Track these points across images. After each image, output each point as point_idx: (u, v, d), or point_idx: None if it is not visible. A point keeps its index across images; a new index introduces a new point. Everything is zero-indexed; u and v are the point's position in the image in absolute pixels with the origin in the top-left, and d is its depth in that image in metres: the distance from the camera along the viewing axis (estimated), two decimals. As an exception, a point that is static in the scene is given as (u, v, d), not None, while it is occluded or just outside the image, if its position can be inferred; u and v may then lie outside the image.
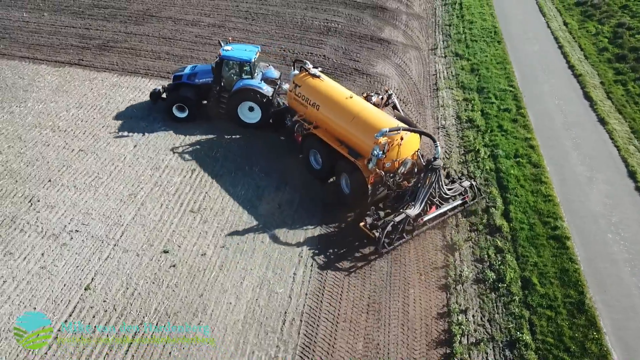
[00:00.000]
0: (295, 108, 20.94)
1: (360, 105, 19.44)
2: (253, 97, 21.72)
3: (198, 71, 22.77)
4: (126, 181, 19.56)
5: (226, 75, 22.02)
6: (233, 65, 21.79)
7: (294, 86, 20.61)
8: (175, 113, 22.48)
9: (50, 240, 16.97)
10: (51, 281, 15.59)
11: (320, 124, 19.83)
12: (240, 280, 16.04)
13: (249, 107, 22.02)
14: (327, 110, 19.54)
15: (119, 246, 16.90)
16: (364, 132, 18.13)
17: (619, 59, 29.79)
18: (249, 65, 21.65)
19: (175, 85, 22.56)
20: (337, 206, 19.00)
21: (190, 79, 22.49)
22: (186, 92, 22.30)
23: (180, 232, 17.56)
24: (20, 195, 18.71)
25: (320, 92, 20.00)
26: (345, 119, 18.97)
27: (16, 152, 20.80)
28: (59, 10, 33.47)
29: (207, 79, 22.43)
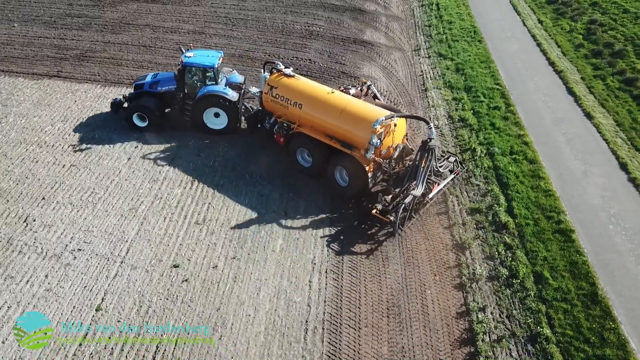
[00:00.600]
0: (273, 110, 20.96)
1: (345, 99, 19.93)
2: (218, 103, 21.56)
3: (160, 79, 22.42)
4: (125, 195, 19.07)
5: (189, 82, 21.74)
6: (196, 71, 21.51)
7: (269, 88, 20.65)
8: (135, 122, 22.07)
9: (53, 260, 16.37)
10: (59, 304, 15.04)
11: (304, 122, 20.02)
12: (256, 291, 15.86)
13: (215, 113, 21.87)
14: (311, 107, 19.76)
15: (126, 263, 16.46)
16: (355, 124, 18.73)
17: (595, 54, 30.93)
18: (213, 71, 21.45)
19: (137, 94, 22.13)
20: (337, 200, 19.19)
21: (152, 87, 22.15)
22: (147, 101, 21.89)
23: (188, 245, 17.24)
24: (13, 215, 17.98)
25: (300, 91, 20.19)
26: (332, 114, 19.30)
27: (3, 170, 19.99)
28: (29, 20, 32.37)
29: (169, 87, 22.07)
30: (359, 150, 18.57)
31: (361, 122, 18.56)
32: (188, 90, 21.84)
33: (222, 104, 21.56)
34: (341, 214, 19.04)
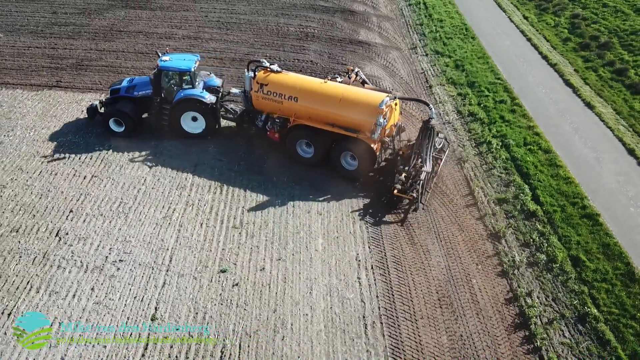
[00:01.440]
0: (264, 107, 21.31)
1: (339, 87, 20.80)
2: (196, 107, 21.61)
3: (136, 83, 22.43)
4: (155, 204, 18.93)
5: (166, 86, 21.80)
6: (172, 75, 21.54)
7: (259, 87, 20.96)
8: (112, 127, 21.91)
9: (95, 273, 16.13)
10: (112, 316, 14.85)
11: (301, 115, 20.58)
12: (307, 290, 16.08)
13: (192, 117, 21.86)
14: (309, 99, 20.36)
15: (172, 271, 16.38)
16: (358, 109, 19.70)
17: (583, 47, 32.50)
18: (189, 74, 21.50)
19: (113, 99, 22.06)
20: (369, 197, 19.72)
21: (129, 92, 22.14)
22: (123, 106, 21.78)
23: (231, 250, 17.29)
24: (44, 229, 17.59)
25: (292, 85, 20.70)
26: (331, 102, 20.07)
27: (22, 184, 19.48)
28: (14, 30, 31.46)
29: (146, 91, 22.05)
30: (364, 133, 19.54)
31: (364, 106, 19.62)
32: (165, 94, 21.87)
33: (200, 107, 21.58)
34: (374, 209, 19.44)
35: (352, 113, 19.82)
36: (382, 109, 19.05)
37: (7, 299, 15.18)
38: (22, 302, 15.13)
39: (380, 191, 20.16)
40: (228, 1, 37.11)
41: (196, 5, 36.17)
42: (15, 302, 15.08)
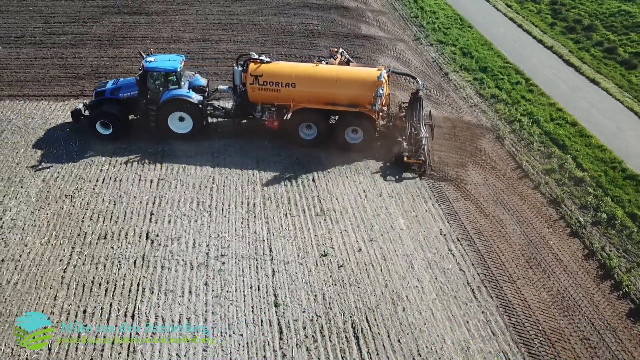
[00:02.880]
0: (261, 99, 22.26)
1: (332, 67, 22.76)
2: (183, 107, 22.07)
3: (121, 85, 22.78)
4: (233, 200, 19.55)
5: (152, 87, 22.10)
6: (158, 76, 21.92)
7: (254, 79, 21.85)
8: (98, 130, 22.13)
9: (202, 269, 16.64)
10: (237, 307, 15.48)
11: (300, 99, 21.91)
12: (408, 265, 17.31)
13: (179, 117, 22.27)
14: (306, 83, 21.81)
15: (276, 260, 17.14)
16: (356, 85, 21.69)
17: (569, 30, 35.59)
18: (175, 74, 21.96)
19: (98, 102, 22.32)
20: (431, 175, 21.25)
21: (114, 94, 22.41)
22: (110, 108, 22.04)
23: (323, 235, 18.23)
24: (132, 234, 17.83)
25: (288, 73, 22.03)
26: (329, 82, 21.82)
27: (90, 192, 19.52)
28: (11, 42, 30.62)
29: (131, 93, 22.36)
30: (364, 106, 21.51)
31: (361, 81, 21.65)
32: (151, 95, 22.23)
33: (187, 107, 22.07)
34: (438, 187, 20.90)
35: (351, 89, 21.65)
36: (382, 81, 21.15)
37: (125, 301, 15.45)
38: (141, 303, 15.46)
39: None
40: (222, 3, 37.57)
41: (191, 9, 36.40)
42: (134, 304, 15.38)
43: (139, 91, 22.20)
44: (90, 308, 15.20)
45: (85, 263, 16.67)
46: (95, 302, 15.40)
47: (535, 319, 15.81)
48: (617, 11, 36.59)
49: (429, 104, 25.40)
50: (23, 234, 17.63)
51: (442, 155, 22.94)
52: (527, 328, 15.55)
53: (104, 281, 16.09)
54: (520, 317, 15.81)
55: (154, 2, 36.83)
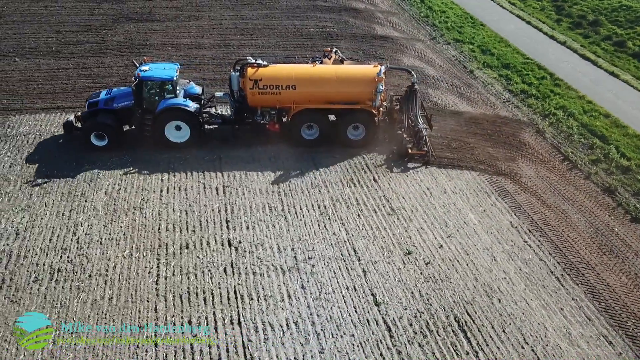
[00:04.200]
0: (261, 102, 22.38)
1: (330, 67, 23.34)
2: (180, 116, 21.91)
3: (116, 95, 22.43)
4: (303, 204, 19.79)
5: (147, 97, 21.86)
6: (154, 85, 21.76)
7: (254, 83, 21.93)
8: (93, 142, 21.80)
9: (294, 273, 16.86)
10: (339, 308, 15.77)
11: (301, 100, 22.25)
12: (491, 258, 17.94)
13: (176, 126, 22.06)
14: (307, 84, 22.18)
15: (364, 259, 17.50)
16: (356, 82, 22.24)
17: (576, 26, 37.14)
18: (171, 83, 21.85)
19: (91, 112, 22.02)
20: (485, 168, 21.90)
21: (108, 104, 22.09)
22: (104, 119, 21.78)
23: (400, 234, 18.68)
24: (213, 242, 17.89)
25: (287, 75, 22.28)
26: (329, 82, 22.32)
27: (157, 202, 19.44)
28: (26, 53, 29.98)
29: (126, 103, 22.12)
30: (365, 102, 22.06)
31: (361, 79, 22.18)
32: (146, 104, 21.90)
33: (184, 116, 21.89)
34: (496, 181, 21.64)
35: (351, 87, 22.22)
36: (382, 77, 21.78)
37: (228, 309, 15.53)
38: (244, 310, 15.56)
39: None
40: (233, 7, 37.61)
41: (203, 14, 36.31)
42: (237, 311, 15.48)
43: (135, 101, 21.94)
44: (194, 318, 15.22)
45: (175, 274, 16.64)
46: (197, 312, 15.42)
47: (623, 303, 16.66)
48: (619, 6, 38.36)
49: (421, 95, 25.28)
50: (102, 248, 17.45)
51: (490, 150, 23.75)
52: (618, 312, 16.37)
53: (199, 291, 16.12)
54: (609, 302, 16.63)
55: (163, 8, 36.61)
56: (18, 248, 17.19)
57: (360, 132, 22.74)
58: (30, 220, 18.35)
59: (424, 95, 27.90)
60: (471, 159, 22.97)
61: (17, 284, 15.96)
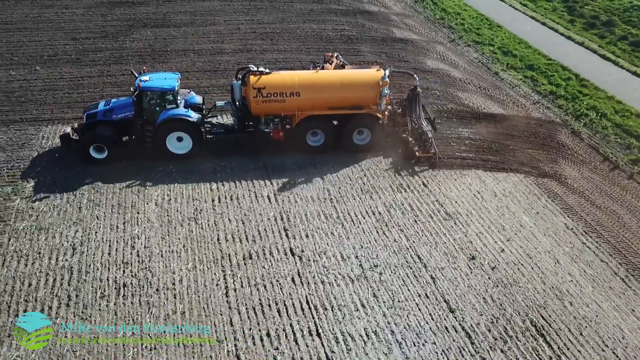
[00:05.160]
0: (265, 110, 22.00)
1: (333, 72, 23.36)
2: (182, 127, 21.58)
3: (115, 106, 21.95)
4: (357, 211, 19.72)
5: (148, 108, 21.45)
6: (155, 96, 21.33)
7: (257, 91, 21.62)
8: (92, 154, 21.30)
9: (363, 281, 16.80)
10: (415, 316, 15.74)
11: (305, 107, 22.07)
12: (554, 261, 18.11)
13: (177, 137, 21.70)
14: (311, 91, 22.00)
15: (430, 266, 17.50)
16: (360, 87, 22.28)
17: (590, 26, 37.72)
18: (172, 93, 21.47)
19: (89, 124, 21.50)
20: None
21: (107, 116, 21.63)
22: (104, 130, 21.30)
23: (460, 239, 18.73)
24: (275, 251, 17.71)
25: (291, 82, 21.98)
26: (333, 87, 22.26)
27: (211, 213, 19.21)
28: (46, 61, 29.38)
29: (126, 114, 21.66)
30: (369, 107, 22.10)
31: (366, 83, 22.22)
32: (146, 115, 21.48)
33: (186, 127, 21.57)
34: (542, 183, 21.86)
35: (356, 92, 22.17)
36: (386, 81, 21.82)
37: (304, 320, 15.39)
38: (320, 320, 15.44)
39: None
40: (247, 12, 37.40)
41: (218, 19, 36.02)
42: (314, 322, 15.36)
43: (135, 112, 21.47)
44: (272, 330, 15.04)
45: (244, 285, 16.44)
46: (274, 324, 15.25)
47: (692, 302, 16.96)
48: (631, 6, 39.13)
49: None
50: (164, 261, 17.16)
51: (530, 152, 23.99)
52: (690, 312, 16.67)
53: (272, 302, 15.95)
54: (680, 302, 16.92)
55: (176, 13, 36.26)
56: (78, 263, 16.82)
57: (365, 137, 22.71)
58: (84, 234, 17.97)
59: (454, 98, 28.19)
60: (514, 161, 23.16)
61: (84, 301, 15.62)
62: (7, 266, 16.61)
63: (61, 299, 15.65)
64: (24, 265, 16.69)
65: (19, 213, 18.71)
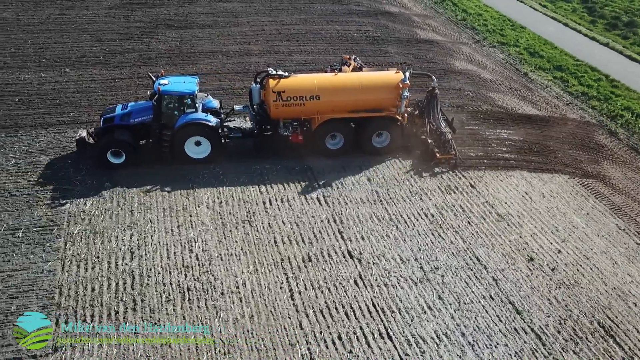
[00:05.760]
0: (285, 114, 21.99)
1: (352, 75, 23.24)
2: (201, 131, 21.37)
3: (132, 110, 21.75)
4: (409, 212, 19.78)
5: (167, 112, 21.32)
6: (174, 100, 21.18)
7: (277, 95, 21.63)
8: (110, 159, 21.02)
9: (426, 284, 16.82)
10: (483, 318, 15.80)
11: (325, 110, 22.04)
12: (611, 262, 18.22)
13: (196, 141, 21.51)
14: (331, 94, 21.96)
15: (491, 268, 17.57)
16: (380, 89, 22.22)
17: (612, 27, 38.08)
18: (192, 97, 21.35)
19: (106, 129, 21.33)
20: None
21: (124, 120, 21.45)
22: (122, 135, 21.11)
23: (516, 240, 18.81)
24: (334, 254, 17.71)
25: (311, 85, 21.97)
26: (353, 90, 22.22)
27: (268, 215, 19.17)
28: (74, 62, 29.24)
29: (144, 118, 21.51)
30: (389, 109, 22.12)
31: (385, 86, 22.16)
32: (165, 120, 21.32)
33: (205, 131, 21.37)
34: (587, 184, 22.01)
35: (376, 94, 22.16)
36: (407, 83, 21.79)
37: (373, 324, 15.39)
38: (389, 323, 15.43)
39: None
40: (269, 13, 37.44)
41: (241, 20, 36.03)
42: (383, 325, 15.36)
43: (154, 116, 21.26)
44: (344, 334, 15.03)
45: (308, 288, 16.42)
46: (344, 327, 15.24)
47: None
48: (651, 7, 39.56)
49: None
50: (224, 264, 17.12)
51: (571, 152, 24.15)
52: None
53: (338, 305, 15.94)
54: None
55: (199, 14, 36.23)
56: (138, 267, 16.73)
57: (384, 139, 22.70)
58: (140, 237, 17.88)
59: (487, 99, 28.35)
60: (556, 162, 23.31)
61: (151, 305, 15.53)
62: (67, 271, 16.49)
63: (127, 303, 15.56)
64: (84, 269, 16.58)
65: (71, 217, 18.60)
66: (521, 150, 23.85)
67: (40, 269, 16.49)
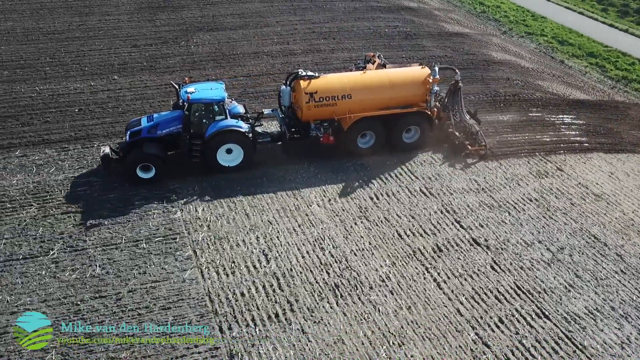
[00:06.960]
0: (317, 116, 22.17)
1: (380, 72, 23.55)
2: (234, 138, 21.05)
3: (159, 121, 21.14)
4: (515, 199, 20.49)
5: (196, 120, 20.99)
6: (202, 107, 20.94)
7: (309, 97, 21.81)
8: (139, 175, 20.35)
9: (558, 264, 17.57)
10: (627, 288, 16.62)
11: (356, 109, 22.28)
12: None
13: (227, 149, 21.16)
14: (362, 92, 22.26)
15: (611, 244, 18.48)
16: (410, 86, 22.67)
17: (623, 14, 40.16)
18: (221, 104, 21.10)
19: (132, 143, 20.68)
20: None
21: (151, 132, 20.84)
22: (150, 149, 20.50)
23: (620, 218, 19.82)
24: (461, 243, 18.23)
25: (342, 85, 22.24)
26: (384, 88, 22.57)
27: (378, 210, 19.49)
28: (120, 70, 28.70)
29: (172, 128, 21.00)
30: (418, 105, 22.57)
31: (415, 81, 22.65)
32: (194, 128, 20.94)
33: (238, 138, 21.09)
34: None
35: (406, 91, 22.60)
36: (437, 78, 22.36)
37: (527, 304, 15.97)
38: (541, 304, 16.04)
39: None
40: (295, 12, 37.65)
41: (269, 20, 36.10)
42: (536, 305, 15.95)
43: (184, 126, 20.80)
44: (503, 317, 15.54)
45: (450, 277, 16.84)
46: (501, 311, 15.75)
47: None
48: (657, -7, 41.91)
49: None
50: (360, 259, 17.34)
51: (635, 133, 25.48)
52: None
53: (486, 290, 16.45)
54: None
55: (225, 16, 36.09)
56: (279, 269, 16.75)
57: (413, 134, 23.02)
58: (267, 240, 17.88)
59: (537, 86, 29.51)
60: (625, 142, 24.60)
61: (307, 304, 15.59)
62: (208, 278, 16.35)
63: (282, 304, 15.59)
64: (224, 275, 16.49)
65: (188, 224, 18.41)
66: (589, 133, 25.01)
67: (180, 278, 16.30)
